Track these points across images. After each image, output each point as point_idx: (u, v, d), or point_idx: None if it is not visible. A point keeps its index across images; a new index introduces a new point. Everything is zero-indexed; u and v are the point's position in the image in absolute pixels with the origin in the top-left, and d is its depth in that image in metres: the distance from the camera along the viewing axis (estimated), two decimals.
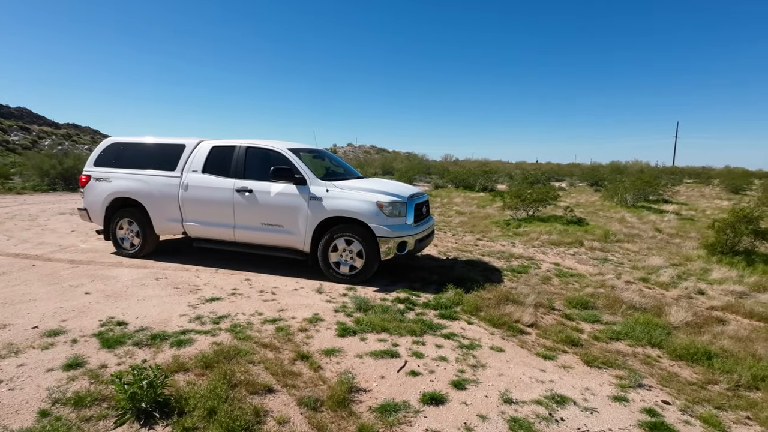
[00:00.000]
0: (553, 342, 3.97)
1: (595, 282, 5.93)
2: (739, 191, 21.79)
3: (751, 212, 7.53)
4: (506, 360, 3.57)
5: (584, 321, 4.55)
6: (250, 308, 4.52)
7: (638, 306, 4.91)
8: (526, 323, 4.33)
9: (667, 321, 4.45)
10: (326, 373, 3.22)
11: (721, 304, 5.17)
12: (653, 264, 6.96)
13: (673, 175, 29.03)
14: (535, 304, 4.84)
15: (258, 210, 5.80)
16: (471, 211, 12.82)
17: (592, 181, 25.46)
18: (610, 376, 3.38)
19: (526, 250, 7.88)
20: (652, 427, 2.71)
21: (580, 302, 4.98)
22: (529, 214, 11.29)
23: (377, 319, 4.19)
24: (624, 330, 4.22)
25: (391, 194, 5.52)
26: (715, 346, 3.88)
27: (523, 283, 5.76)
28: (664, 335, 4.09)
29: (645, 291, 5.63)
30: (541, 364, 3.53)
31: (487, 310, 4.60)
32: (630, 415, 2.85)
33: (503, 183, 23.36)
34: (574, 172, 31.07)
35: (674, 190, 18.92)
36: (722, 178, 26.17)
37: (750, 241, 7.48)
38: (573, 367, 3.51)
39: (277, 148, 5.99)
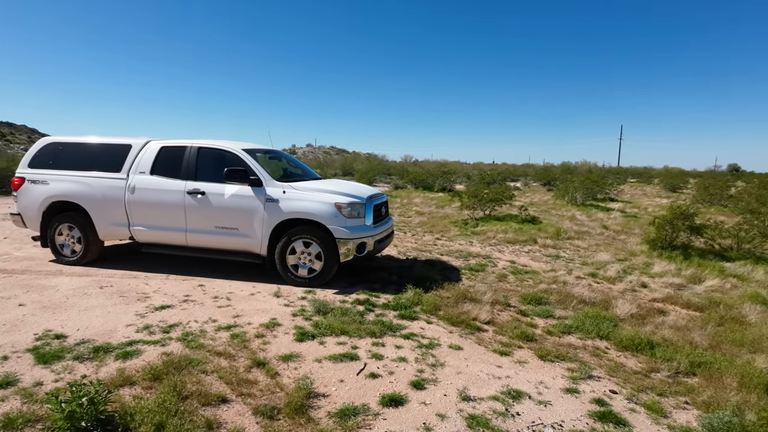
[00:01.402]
0: (509, 338, 4.07)
1: (548, 278, 6.16)
2: (677, 189, 23.38)
3: (686, 209, 8.08)
4: (464, 358, 3.63)
5: (538, 316, 4.70)
6: (203, 315, 4.34)
7: (588, 300, 5.13)
8: (483, 321, 4.42)
9: (614, 314, 4.68)
10: (284, 380, 3.14)
11: (662, 296, 5.50)
12: (601, 260, 7.31)
13: (618, 175, 30.72)
14: (492, 301, 4.95)
15: (211, 213, 5.59)
16: (430, 211, 12.98)
17: (545, 181, 26.49)
18: (562, 369, 3.50)
19: (484, 249, 8.06)
20: (601, 416, 2.83)
21: (534, 298, 5.14)
22: (486, 213, 11.58)
23: (336, 322, 4.14)
24: (575, 324, 4.40)
25: (349, 195, 5.48)
26: (657, 336, 4.12)
27: (481, 281, 5.89)
28: (611, 327, 4.30)
29: (594, 285, 5.90)
30: (497, 361, 3.61)
31: (446, 309, 4.66)
32: (581, 406, 2.97)
33: (461, 183, 23.84)
34: (528, 173, 32.21)
35: (619, 189, 20.05)
36: (662, 178, 28.04)
37: (686, 236, 8.02)
38: (528, 362, 3.61)
39: (231, 148, 5.80)
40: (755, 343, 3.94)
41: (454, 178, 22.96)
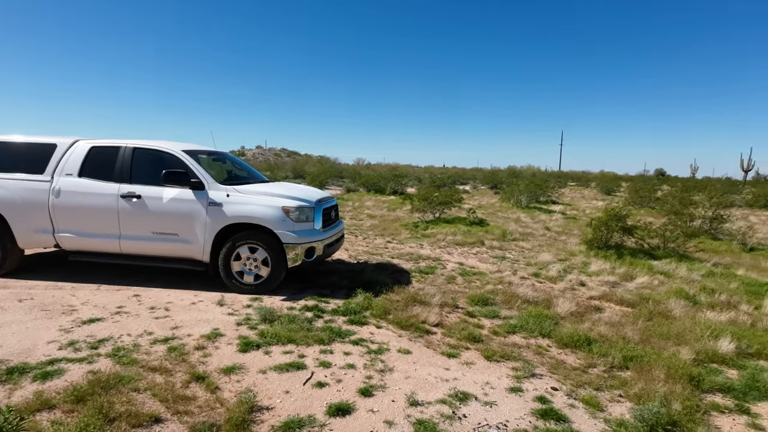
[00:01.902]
0: (457, 340, 4.12)
1: (495, 279, 6.33)
2: (611, 192, 25.01)
3: (619, 212, 8.63)
4: (413, 362, 3.62)
5: (485, 317, 4.81)
6: (137, 328, 4.05)
7: (531, 300, 5.32)
8: (432, 323, 4.45)
9: (555, 312, 4.88)
10: (225, 394, 2.98)
11: (598, 293, 5.82)
12: (544, 260, 7.63)
13: (559, 179, 32.40)
14: (441, 303, 5.01)
15: (148, 218, 5.25)
16: (382, 214, 13.02)
17: (492, 184, 27.40)
18: (507, 369, 3.59)
19: (433, 251, 8.17)
20: (542, 414, 2.91)
21: (481, 299, 5.26)
22: (436, 216, 11.77)
23: (283, 330, 4.00)
24: (519, 323, 4.54)
25: (297, 199, 5.35)
26: (594, 333, 4.33)
27: (430, 283, 5.95)
28: (553, 326, 4.47)
29: (537, 285, 6.14)
30: (445, 363, 3.64)
31: (395, 312, 4.65)
32: (524, 404, 3.05)
33: (413, 186, 24.14)
34: (476, 176, 33.21)
35: (560, 192, 21.14)
36: (598, 182, 29.94)
37: (619, 237, 8.56)
38: (475, 363, 3.67)
39: (169, 149, 5.48)
40: (680, 336, 4.25)
41: (406, 181, 23.22)
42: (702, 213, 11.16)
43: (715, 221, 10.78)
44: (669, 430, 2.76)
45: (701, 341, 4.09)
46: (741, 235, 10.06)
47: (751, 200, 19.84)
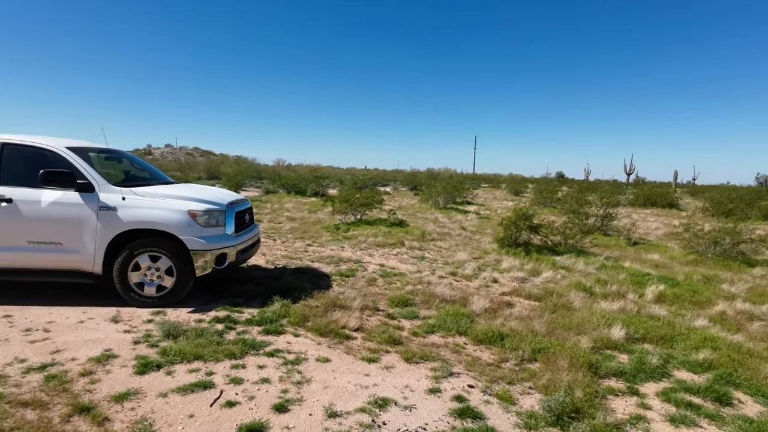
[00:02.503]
0: (377, 343, 4.07)
1: (414, 279, 6.42)
2: (519, 194, 26.96)
3: (526, 212, 9.25)
4: (332, 370, 3.50)
5: (405, 318, 4.83)
6: (6, 356, 3.44)
7: (449, 299, 5.46)
8: (352, 328, 4.35)
9: (471, 310, 5.04)
10: (115, 426, 2.61)
11: (510, 289, 6.15)
12: (460, 259, 7.92)
13: (473, 181, 34.19)
14: (362, 307, 4.94)
15: (22, 225, 4.52)
16: (302, 217, 12.68)
17: (412, 186, 28.13)
18: (426, 370, 3.61)
19: (355, 253, 8.10)
20: (460, 413, 2.96)
21: (401, 300, 5.28)
22: (358, 217, 11.74)
23: (189, 346, 3.65)
24: (438, 323, 4.61)
25: (206, 201, 4.95)
26: (506, 328, 4.55)
27: (351, 286, 5.86)
28: (469, 323, 4.61)
29: (454, 284, 6.33)
30: (365, 369, 3.57)
31: (314, 319, 4.48)
32: (443, 405, 3.07)
33: (334, 188, 23.94)
34: (397, 178, 33.89)
35: (475, 194, 22.30)
36: (508, 183, 32.14)
37: (527, 235, 9.18)
38: (395, 367, 3.64)
39: (51, 146, 4.78)
40: (580, 326, 4.61)
41: (327, 182, 22.95)
42: (595, 212, 12.40)
43: (605, 219, 12.02)
44: (573, 417, 2.94)
45: (597, 330, 4.48)
46: (626, 231, 11.33)
47: (633, 200, 22.56)
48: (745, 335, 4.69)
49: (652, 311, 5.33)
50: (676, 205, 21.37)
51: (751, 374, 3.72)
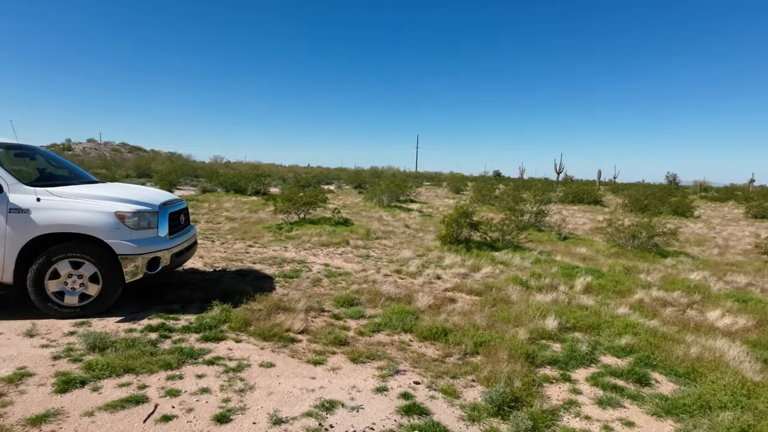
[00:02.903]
0: (323, 345, 4.02)
1: (360, 278, 6.42)
2: (460, 191, 27.86)
3: (467, 209, 9.57)
4: (276, 375, 3.40)
5: (351, 318, 4.81)
6: None
7: (394, 297, 5.51)
8: (297, 330, 4.26)
9: (415, 307, 5.13)
10: None
11: (452, 285, 6.33)
12: (404, 256, 8.04)
13: (416, 179, 34.88)
14: (307, 308, 4.85)
15: None
16: (242, 217, 12.23)
17: (356, 184, 28.11)
18: (373, 369, 3.62)
19: (299, 254, 7.95)
20: (407, 410, 2.99)
21: (346, 300, 5.26)
22: (301, 217, 11.52)
23: (119, 359, 3.39)
24: (383, 321, 4.64)
25: (136, 202, 4.62)
26: (449, 323, 4.67)
27: (295, 288, 5.73)
28: (414, 320, 4.68)
29: (399, 281, 6.41)
30: (311, 372, 3.51)
31: (257, 323, 4.34)
32: (389, 403, 3.09)
33: (276, 186, 23.32)
34: (341, 176, 33.70)
35: (417, 192, 22.70)
36: (449, 182, 33.09)
37: (468, 232, 9.50)
38: (341, 368, 3.61)
39: None
40: (517, 319, 4.85)
41: (269, 181, 22.31)
42: (529, 209, 13.11)
43: (539, 215, 12.74)
44: (513, 406, 3.08)
45: (533, 321, 4.73)
46: (557, 226, 12.09)
47: (562, 197, 24.12)
48: (659, 320, 5.18)
49: (581, 301, 5.72)
50: (600, 202, 23.14)
51: (666, 356, 4.11)
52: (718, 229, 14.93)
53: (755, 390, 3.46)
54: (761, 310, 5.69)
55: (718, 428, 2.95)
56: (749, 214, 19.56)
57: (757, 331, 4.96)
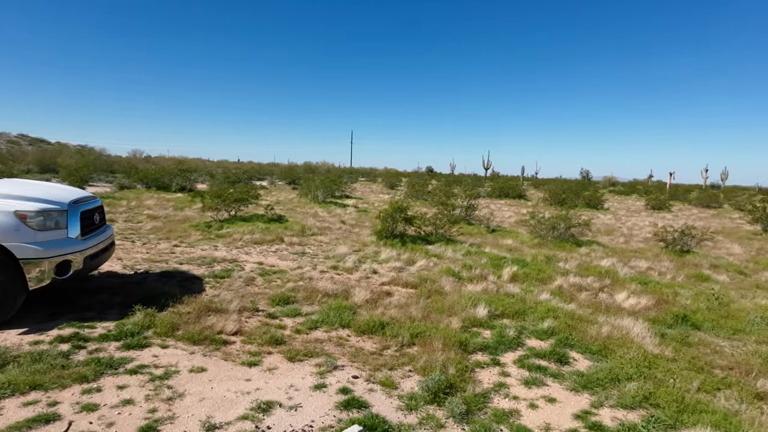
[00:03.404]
0: (258, 345, 3.90)
1: (295, 276, 6.30)
2: (394, 187, 28.28)
3: (402, 204, 9.75)
4: (208, 380, 3.25)
5: (287, 316, 4.71)
6: None
7: (331, 293, 5.48)
8: (230, 332, 4.10)
9: (353, 302, 5.14)
10: None
11: (388, 279, 6.43)
12: (341, 252, 8.01)
13: (351, 175, 34.83)
14: (240, 308, 4.68)
15: None
16: (167, 215, 11.46)
17: (289, 180, 27.48)
18: (311, 366, 3.58)
19: (230, 253, 7.62)
20: (346, 404, 3.00)
21: (282, 299, 5.14)
22: (232, 214, 11.04)
23: (23, 375, 3.04)
24: (321, 318, 4.61)
25: (39, 200, 4.15)
26: (386, 316, 4.74)
27: (227, 288, 5.50)
28: (351, 315, 4.70)
29: (336, 278, 6.38)
30: (246, 373, 3.39)
31: (185, 326, 4.10)
32: (328, 399, 3.08)
33: (204, 182, 22.12)
34: (274, 172, 32.75)
35: (353, 187, 22.72)
36: (383, 177, 33.44)
37: (403, 226, 9.69)
38: (278, 367, 3.53)
39: None
40: (451, 309, 5.04)
41: (196, 176, 21.08)
42: (460, 203, 13.65)
43: (469, 210, 13.32)
44: (448, 392, 3.21)
45: (465, 311, 4.95)
46: (486, 220, 12.72)
47: (490, 192, 25.41)
48: (576, 304, 5.65)
49: (508, 290, 6.08)
50: (523, 196, 24.68)
51: (582, 336, 4.51)
52: (623, 220, 16.58)
53: (655, 361, 3.91)
54: (659, 291, 6.43)
55: (625, 397, 3.29)
56: (648, 206, 21.96)
57: (655, 309, 5.59)
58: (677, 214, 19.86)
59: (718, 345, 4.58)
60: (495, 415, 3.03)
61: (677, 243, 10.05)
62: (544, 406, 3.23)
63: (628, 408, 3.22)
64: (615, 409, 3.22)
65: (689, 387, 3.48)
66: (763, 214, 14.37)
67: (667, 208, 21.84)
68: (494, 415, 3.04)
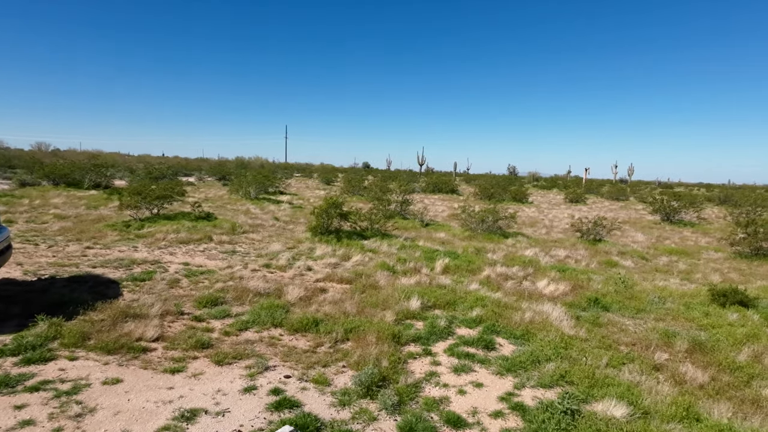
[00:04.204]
0: (183, 351, 3.69)
1: (225, 276, 6.03)
2: (330, 182, 28.02)
3: (337, 200, 9.69)
4: (125, 391, 3.01)
5: (215, 318, 4.49)
6: None
7: (263, 292, 5.31)
8: (150, 338, 3.83)
9: (286, 300, 5.02)
10: None
11: (323, 276, 6.36)
12: (274, 250, 7.79)
13: (286, 170, 33.97)
14: (162, 312, 4.39)
15: None
16: (78, 214, 10.44)
17: (220, 176, 26.21)
18: (240, 369, 3.45)
19: (152, 253, 7.11)
20: (277, 405, 2.93)
21: (210, 300, 4.89)
22: (154, 212, 10.31)
23: None
24: (251, 318, 4.45)
25: None
26: (320, 313, 4.69)
27: (147, 291, 5.13)
28: (284, 314, 4.59)
29: (268, 276, 6.19)
30: (169, 381, 3.19)
31: (98, 335, 3.77)
32: (259, 402, 2.99)
33: (123, 178, 20.43)
34: (202, 167, 31.05)
35: (287, 183, 22.18)
36: (319, 173, 33.01)
37: (338, 222, 9.63)
38: (204, 372, 3.36)
39: None
40: (385, 302, 5.10)
41: (113, 172, 19.43)
42: (395, 198, 13.84)
43: (404, 204, 13.55)
44: (381, 385, 3.24)
45: (399, 303, 5.03)
46: (420, 214, 13.02)
47: (424, 187, 26.04)
48: (502, 292, 5.97)
49: (440, 281, 6.27)
50: (456, 191, 25.60)
51: (507, 322, 4.77)
52: (545, 213, 17.78)
53: (570, 342, 4.24)
54: (575, 277, 6.98)
55: (544, 377, 3.54)
56: (567, 199, 23.74)
57: (572, 294, 6.06)
58: (591, 207, 21.67)
59: (624, 324, 5.06)
60: (426, 404, 3.11)
61: (591, 233, 10.97)
62: (471, 391, 3.37)
63: (547, 387, 3.46)
64: (535, 389, 3.44)
65: (599, 363, 3.82)
66: (661, 206, 16.12)
67: (583, 201, 23.74)
68: (425, 403, 3.12)
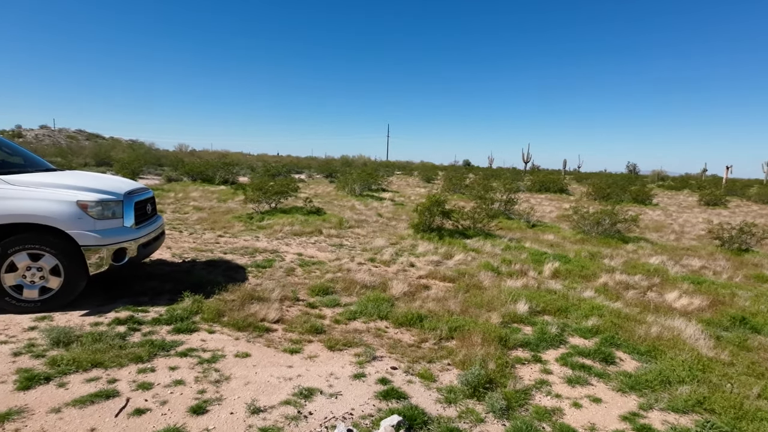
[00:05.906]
0: (299, 334, 4.00)
1: (334, 267, 6.40)
2: (431, 180, 28.07)
3: (439, 198, 9.68)
4: (252, 365, 3.37)
5: (326, 306, 4.80)
6: None
7: (369, 285, 5.53)
8: (272, 320, 4.22)
9: (391, 294, 5.17)
10: None
11: (426, 272, 6.41)
12: (378, 245, 8.06)
13: (387, 168, 34.89)
14: (281, 297, 4.81)
15: None
16: (211, 206, 11.92)
17: (327, 173, 27.85)
18: (350, 356, 3.63)
19: (271, 243, 7.84)
20: (385, 395, 3.03)
21: (321, 289, 5.23)
22: (272, 206, 11.34)
23: (85, 353, 3.26)
24: (359, 309, 4.66)
25: (99, 191, 4.41)
26: (424, 309, 4.74)
27: (268, 277, 5.66)
28: (389, 307, 4.72)
29: (373, 270, 6.43)
30: (288, 360, 3.49)
31: (230, 313, 4.26)
32: (368, 389, 3.12)
33: (245, 175, 22.81)
34: (311, 165, 33.33)
35: (389, 181, 22.73)
36: (420, 171, 33.27)
37: (440, 220, 9.62)
38: (318, 356, 3.61)
39: None
40: (490, 304, 4.97)
41: (238, 169, 21.79)
42: (499, 197, 13.38)
43: (508, 204, 13.03)
44: (488, 387, 3.17)
45: (505, 306, 4.86)
46: (526, 214, 12.40)
47: (530, 186, 24.73)
48: (622, 302, 5.43)
49: (549, 286, 5.92)
50: (565, 191, 23.87)
51: (629, 335, 4.32)
52: (674, 216, 15.71)
53: (709, 365, 3.70)
54: (714, 291, 6.06)
55: (677, 401, 3.14)
56: (702, 201, 20.68)
57: (710, 310, 5.28)
58: (734, 211, 18.61)
59: None
60: (537, 413, 2.96)
61: (735, 241, 9.43)
62: (588, 405, 3.13)
63: (680, 412, 3.07)
64: (665, 413, 3.07)
65: (748, 393, 3.27)
66: None
67: (723, 203, 20.49)
68: (536, 412, 2.98)
